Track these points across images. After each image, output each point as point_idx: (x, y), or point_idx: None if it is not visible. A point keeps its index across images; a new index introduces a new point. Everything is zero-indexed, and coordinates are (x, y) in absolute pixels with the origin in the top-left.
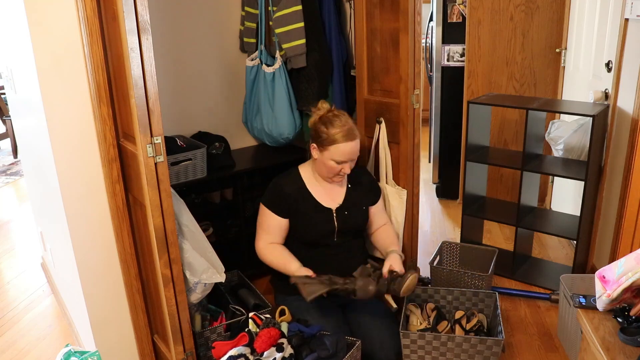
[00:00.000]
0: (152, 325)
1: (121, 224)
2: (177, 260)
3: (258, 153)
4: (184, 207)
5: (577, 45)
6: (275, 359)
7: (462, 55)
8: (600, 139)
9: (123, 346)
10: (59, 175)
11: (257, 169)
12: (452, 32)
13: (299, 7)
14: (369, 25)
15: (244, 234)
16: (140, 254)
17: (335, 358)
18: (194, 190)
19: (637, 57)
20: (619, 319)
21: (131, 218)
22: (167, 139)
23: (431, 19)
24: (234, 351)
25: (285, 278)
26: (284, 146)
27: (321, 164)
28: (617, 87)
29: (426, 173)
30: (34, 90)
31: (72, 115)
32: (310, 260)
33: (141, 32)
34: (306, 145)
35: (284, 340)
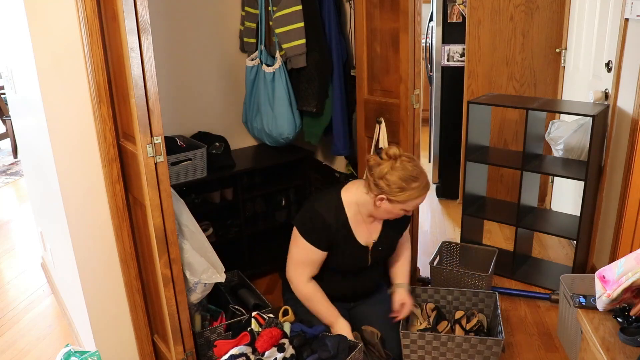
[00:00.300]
0: (152, 325)
1: (121, 224)
2: (177, 260)
3: (258, 153)
4: (184, 207)
5: (577, 45)
6: (276, 359)
7: (462, 55)
8: (600, 139)
9: (123, 346)
10: (59, 175)
11: (257, 169)
12: (452, 32)
13: (299, 7)
14: (369, 25)
15: (244, 234)
16: (140, 254)
17: (336, 359)
18: (194, 190)
19: (637, 57)
20: (619, 319)
21: (131, 218)
22: (167, 139)
23: (431, 19)
24: (235, 350)
25: None
26: (284, 146)
27: (386, 212)
28: (617, 87)
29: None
30: (34, 90)
31: (72, 115)
32: (330, 283)
33: (141, 32)
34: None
35: (285, 341)
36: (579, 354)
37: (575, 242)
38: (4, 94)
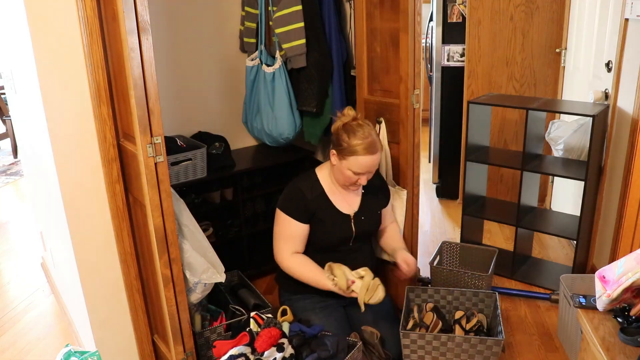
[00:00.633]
0: (152, 325)
1: (121, 224)
2: (177, 260)
3: (258, 153)
4: (184, 207)
5: (577, 45)
6: (275, 358)
7: (462, 55)
8: (600, 139)
9: (123, 346)
10: (59, 176)
11: (257, 169)
12: (452, 32)
13: (299, 7)
14: (369, 25)
15: (244, 234)
16: (140, 254)
17: (335, 359)
18: (194, 190)
19: (637, 57)
20: (619, 319)
21: (131, 218)
22: (167, 139)
23: (431, 19)
24: (234, 350)
25: (289, 277)
26: (284, 146)
27: (338, 171)
28: (617, 87)
29: (426, 173)
30: (34, 90)
31: (72, 115)
32: (320, 264)
33: (141, 32)
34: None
35: (284, 340)
36: (579, 354)
37: (575, 242)
38: (4, 94)
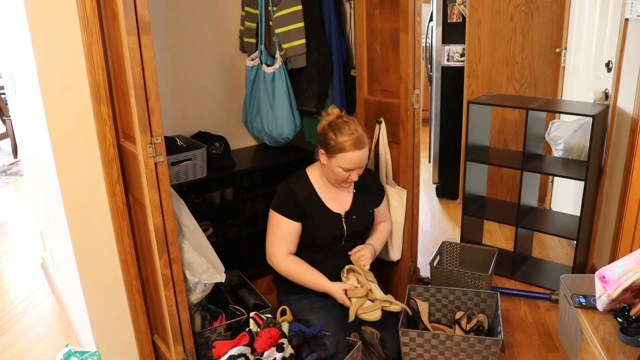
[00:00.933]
0: (152, 325)
1: (121, 224)
2: (177, 260)
3: (258, 153)
4: (184, 207)
5: (577, 45)
6: (275, 358)
7: (462, 55)
8: (600, 139)
9: (123, 346)
10: (59, 175)
11: (257, 169)
12: (452, 32)
13: (299, 7)
14: (369, 25)
15: (244, 234)
16: (140, 254)
17: (335, 358)
18: (194, 190)
19: (637, 57)
20: (619, 319)
21: (131, 218)
22: (167, 139)
23: (431, 19)
24: (234, 351)
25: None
26: (284, 146)
27: (329, 170)
28: (617, 87)
29: (426, 173)
30: (34, 90)
31: (72, 115)
32: (313, 264)
33: (141, 32)
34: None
35: (284, 340)
36: (579, 354)
37: (575, 242)
38: (4, 94)
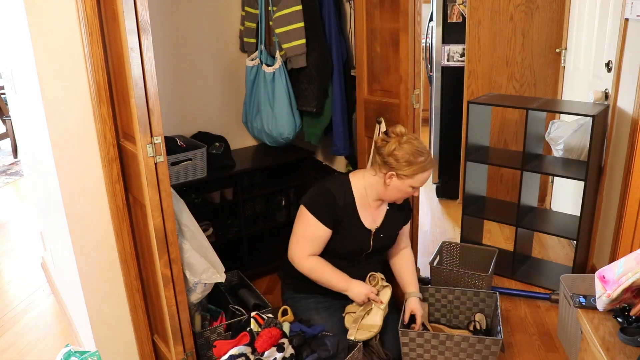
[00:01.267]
0: (152, 325)
1: (121, 224)
2: (177, 260)
3: (258, 153)
4: (184, 207)
5: (577, 45)
6: (275, 358)
7: (462, 55)
8: (600, 139)
9: (123, 346)
10: (59, 175)
11: (257, 169)
12: (452, 32)
13: (299, 7)
14: (369, 25)
15: (244, 234)
16: (140, 254)
17: (336, 359)
18: (194, 190)
19: (637, 57)
20: (619, 319)
21: (131, 218)
22: (167, 139)
23: (431, 19)
24: (234, 350)
25: (295, 275)
26: (284, 146)
27: (395, 189)
28: (617, 87)
29: None
30: (34, 90)
31: (72, 115)
32: None
33: (141, 32)
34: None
35: (285, 340)
36: (579, 354)
37: (575, 242)
38: (4, 94)
